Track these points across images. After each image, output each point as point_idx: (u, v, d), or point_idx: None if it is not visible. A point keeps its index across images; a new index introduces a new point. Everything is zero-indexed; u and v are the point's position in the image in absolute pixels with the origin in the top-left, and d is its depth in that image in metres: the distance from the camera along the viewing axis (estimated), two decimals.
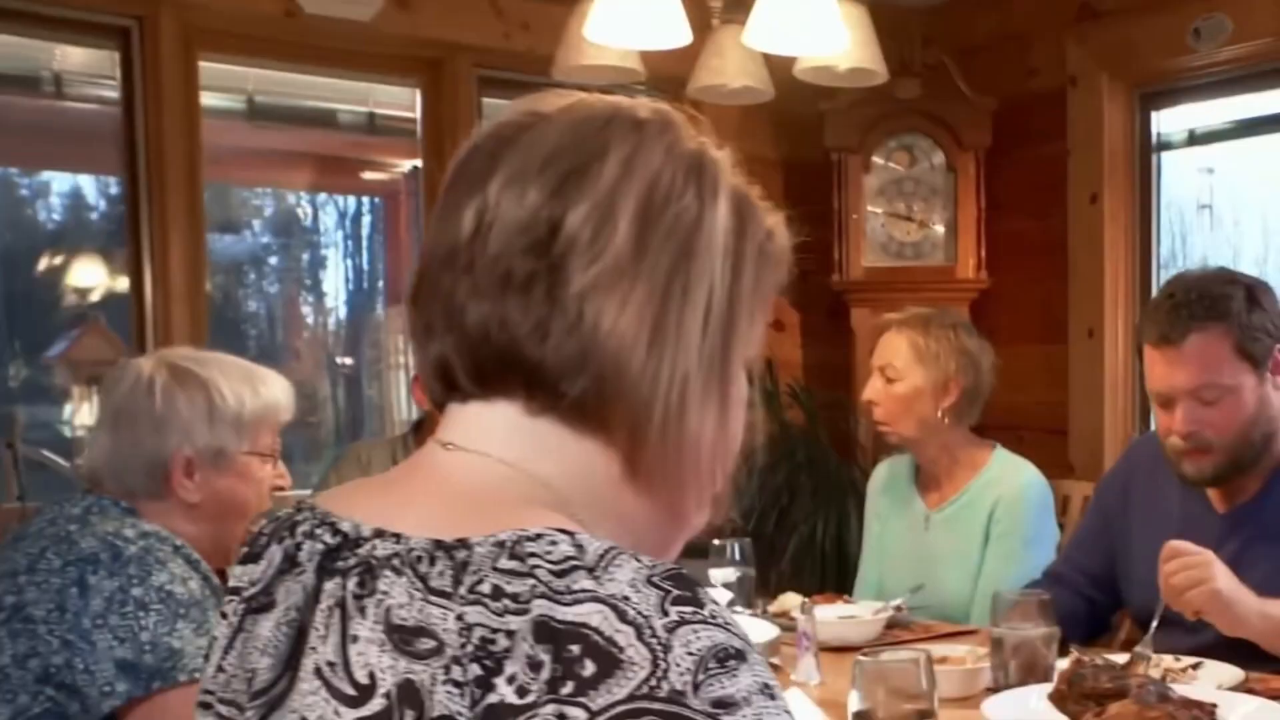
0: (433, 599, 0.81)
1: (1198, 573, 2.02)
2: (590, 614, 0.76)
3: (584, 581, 0.78)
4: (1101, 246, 4.23)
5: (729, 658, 0.76)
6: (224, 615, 0.96)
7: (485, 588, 0.80)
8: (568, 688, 0.74)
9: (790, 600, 2.72)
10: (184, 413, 1.93)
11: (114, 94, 3.58)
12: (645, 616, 0.76)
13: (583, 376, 0.88)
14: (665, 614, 0.77)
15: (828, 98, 4.31)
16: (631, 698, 0.73)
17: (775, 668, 2.33)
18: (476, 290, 0.88)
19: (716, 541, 2.76)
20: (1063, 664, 2.07)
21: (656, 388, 0.89)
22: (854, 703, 1.55)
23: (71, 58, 3.63)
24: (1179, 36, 3.95)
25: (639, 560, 0.80)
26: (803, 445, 4.37)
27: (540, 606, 0.77)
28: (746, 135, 4.52)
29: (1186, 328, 2.18)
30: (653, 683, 0.74)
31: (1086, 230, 4.27)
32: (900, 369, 2.88)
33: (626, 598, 0.77)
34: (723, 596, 2.43)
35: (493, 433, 0.91)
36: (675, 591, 0.78)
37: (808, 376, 4.68)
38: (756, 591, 3.07)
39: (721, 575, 2.72)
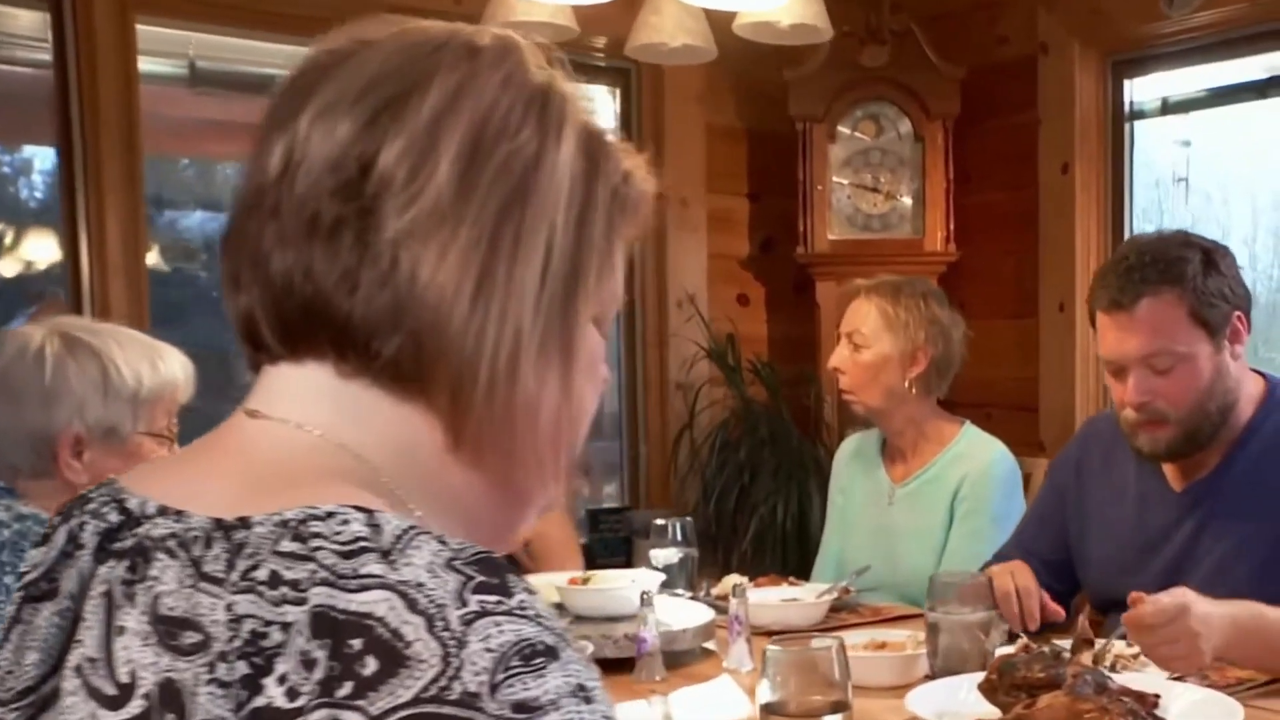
0: (203, 586, 0.72)
1: (1183, 648, 1.80)
2: (376, 603, 0.67)
3: (373, 566, 0.68)
4: (1073, 218, 4.12)
5: (536, 655, 0.67)
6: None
7: (261, 574, 0.70)
8: (344, 689, 0.65)
9: (734, 582, 2.62)
10: (75, 385, 1.81)
11: (47, 57, 3.44)
12: (439, 606, 0.67)
13: (397, 333, 0.78)
14: (463, 603, 0.67)
15: (792, 65, 4.21)
16: (417, 700, 0.64)
17: (709, 653, 2.23)
18: (282, 237, 0.79)
19: (659, 521, 2.67)
20: (1007, 650, 1.98)
21: (481, 346, 0.79)
22: (763, 694, 1.44)
23: (1, 19, 3.49)
24: (1151, 3, 3.84)
25: (443, 542, 0.71)
26: (765, 421, 4.27)
27: (319, 595, 0.68)
28: (710, 105, 4.43)
29: (1138, 292, 2.08)
30: (442, 683, 0.64)
31: (1058, 201, 4.16)
32: (868, 336, 2.80)
33: (420, 584, 0.68)
34: (655, 579, 2.33)
35: (299, 398, 0.81)
36: (479, 578, 0.69)
37: (772, 352, 4.58)
38: (703, 572, 2.98)
39: (663, 556, 2.63)
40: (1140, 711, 1.48)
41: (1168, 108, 4.12)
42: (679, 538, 2.63)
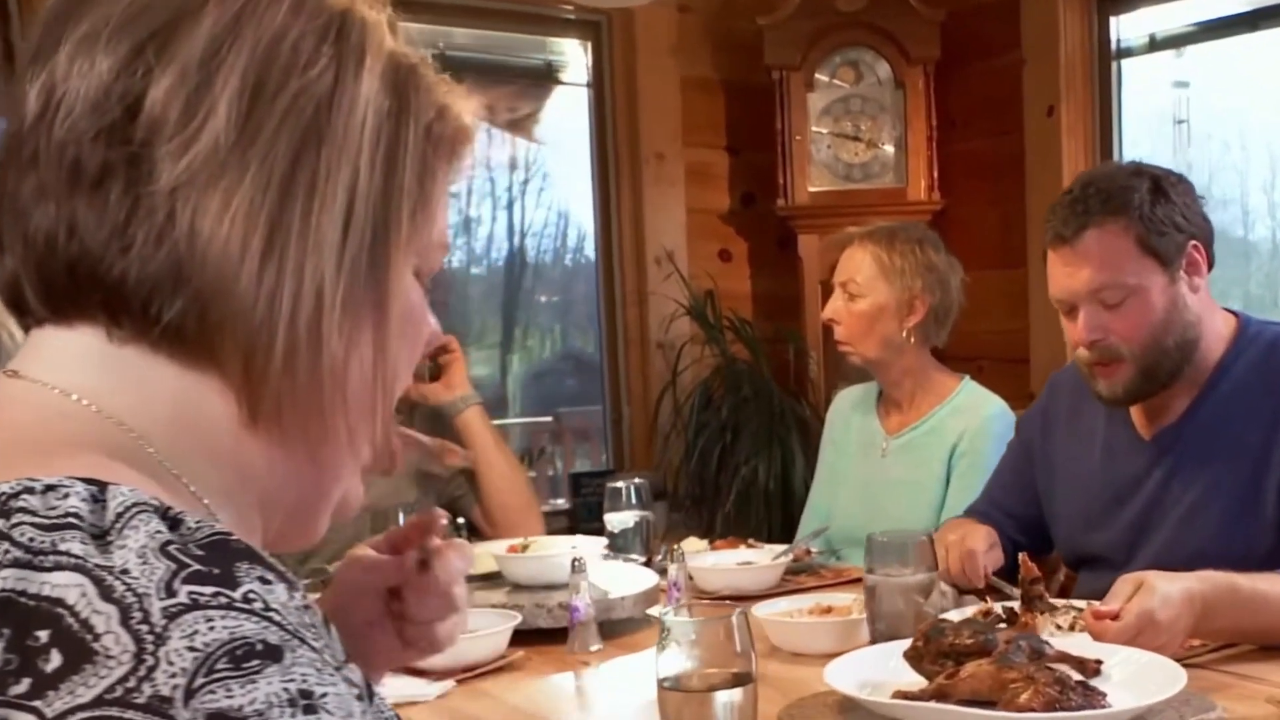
0: None
1: (1154, 649, 1.68)
2: (67, 588, 0.58)
3: (74, 544, 0.60)
4: (1060, 162, 4.00)
5: (251, 656, 0.58)
6: None
7: None
8: (20, 686, 0.56)
9: (694, 546, 2.52)
10: None
11: None
12: (139, 595, 0.58)
13: (179, 295, 0.70)
14: (170, 593, 0.59)
15: (766, 12, 4.08)
16: (99, 701, 0.55)
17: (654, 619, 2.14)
18: (42, 189, 0.71)
19: (613, 484, 2.57)
20: (965, 613, 1.88)
21: (276, 308, 0.71)
22: (662, 667, 1.34)
23: None
24: None
25: (174, 522, 0.63)
26: (748, 379, 4.17)
27: (9, 578, 0.59)
28: (683, 57, 4.31)
29: (1082, 224, 1.97)
30: (130, 683, 0.56)
31: (1044, 145, 4.03)
32: (863, 285, 2.70)
33: (125, 570, 0.59)
34: (596, 545, 2.23)
35: (64, 360, 0.73)
36: (195, 566, 0.60)
37: (757, 308, 4.48)
38: (680, 535, 2.90)
39: (619, 520, 2.53)
40: (1070, 680, 1.37)
41: (1156, 44, 3.98)
42: (634, 500, 2.53)
